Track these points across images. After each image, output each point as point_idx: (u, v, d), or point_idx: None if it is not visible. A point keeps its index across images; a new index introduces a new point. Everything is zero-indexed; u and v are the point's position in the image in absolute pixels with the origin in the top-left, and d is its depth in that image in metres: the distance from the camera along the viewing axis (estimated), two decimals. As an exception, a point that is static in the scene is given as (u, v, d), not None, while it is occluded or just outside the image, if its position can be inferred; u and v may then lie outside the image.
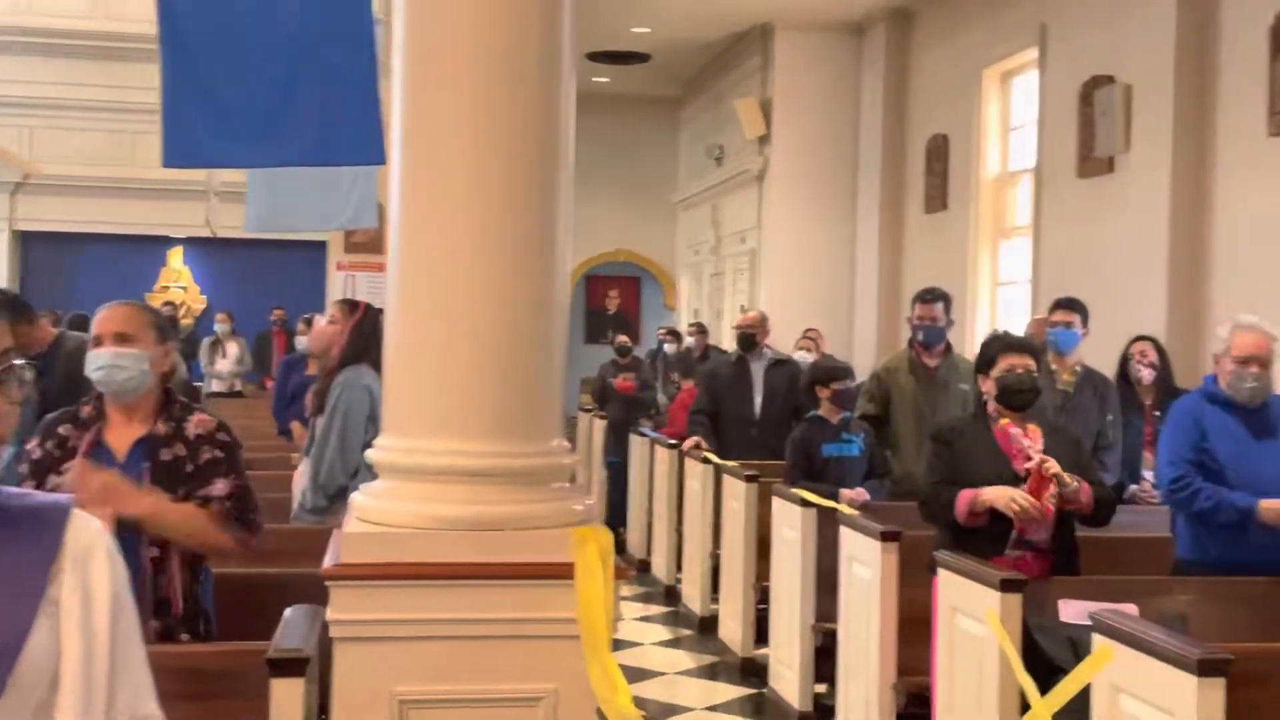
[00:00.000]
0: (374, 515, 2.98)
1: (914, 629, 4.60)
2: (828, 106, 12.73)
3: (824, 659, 5.48)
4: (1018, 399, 4.29)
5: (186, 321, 13.82)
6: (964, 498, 4.18)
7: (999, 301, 10.40)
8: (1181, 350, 7.39)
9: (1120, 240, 8.14)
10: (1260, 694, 3.15)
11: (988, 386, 4.38)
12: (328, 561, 2.92)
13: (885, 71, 12.07)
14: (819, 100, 12.75)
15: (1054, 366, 5.91)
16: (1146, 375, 6.25)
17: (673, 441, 8.37)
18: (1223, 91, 7.42)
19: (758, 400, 7.54)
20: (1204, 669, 2.84)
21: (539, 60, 3.04)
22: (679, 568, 8.23)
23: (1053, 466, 4.13)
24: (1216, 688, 2.84)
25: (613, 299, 18.32)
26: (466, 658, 2.87)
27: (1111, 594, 4.15)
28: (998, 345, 4.42)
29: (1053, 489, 4.15)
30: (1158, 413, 6.12)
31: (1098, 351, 6.61)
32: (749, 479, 6.56)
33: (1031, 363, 4.31)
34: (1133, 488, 5.96)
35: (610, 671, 2.67)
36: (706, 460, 7.36)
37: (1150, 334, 6.67)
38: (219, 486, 3.22)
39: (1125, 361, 6.37)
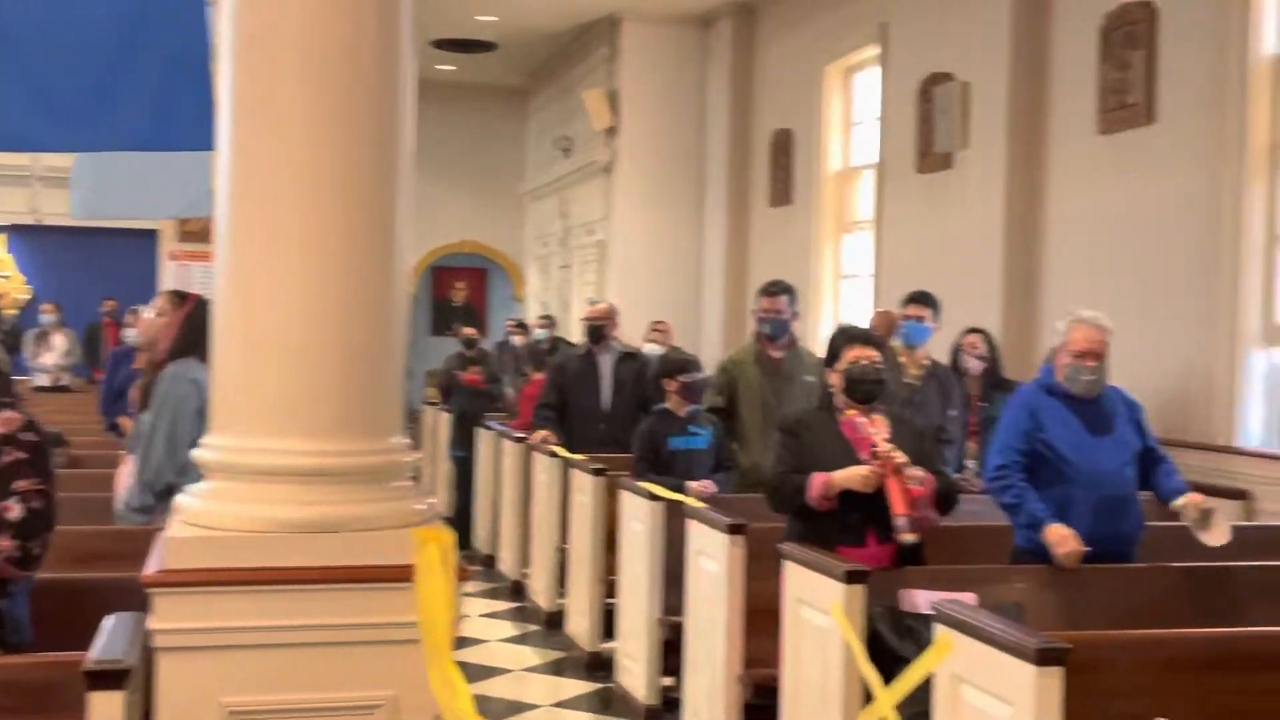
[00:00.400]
0: (200, 518, 2.84)
1: (761, 621, 4.61)
2: (675, 99, 12.76)
3: (671, 652, 5.46)
4: (863, 390, 4.33)
5: (10, 312, 13.21)
6: (817, 481, 4.21)
7: (842, 294, 10.55)
8: (1015, 343, 7.60)
9: (958, 235, 8.32)
10: (1096, 681, 3.22)
11: (834, 379, 4.41)
12: (150, 567, 2.77)
13: (730, 65, 12.14)
14: (666, 93, 12.78)
15: (902, 359, 6.01)
16: (975, 366, 6.40)
17: (520, 435, 8.29)
18: (1055, 91, 7.64)
19: (606, 393, 7.51)
20: (1042, 658, 2.88)
21: (376, 46, 2.93)
22: (526, 562, 8.15)
23: (899, 457, 4.18)
24: (1054, 676, 2.89)
25: (459, 290, 18.09)
26: (300, 666, 2.75)
27: (951, 583, 4.21)
28: (844, 337, 4.46)
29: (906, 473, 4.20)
30: (983, 404, 6.28)
31: (935, 343, 6.75)
32: (596, 472, 6.52)
33: (877, 355, 4.35)
34: (953, 477, 6.09)
35: (451, 676, 2.59)
36: (554, 454, 7.29)
37: (983, 327, 6.83)
38: (12, 507, 3.05)
39: (956, 353, 6.50)
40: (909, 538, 4.13)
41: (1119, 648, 3.35)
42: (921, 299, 6.14)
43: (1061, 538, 4.24)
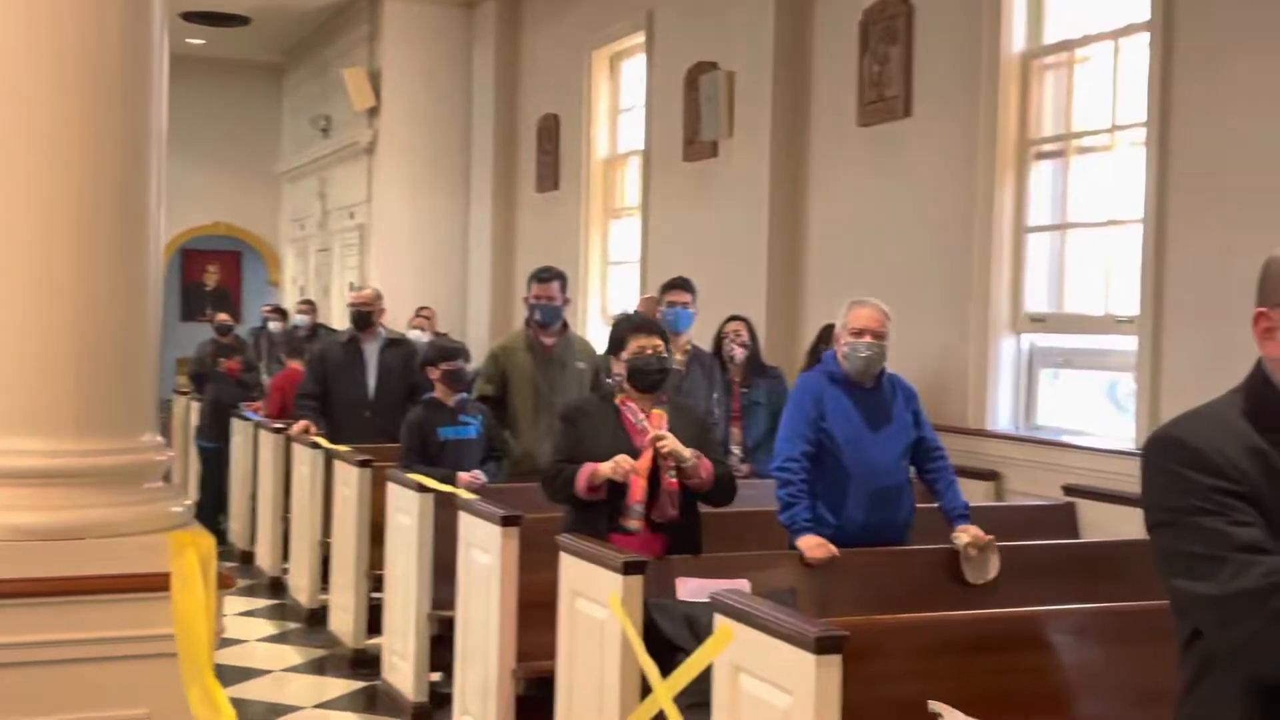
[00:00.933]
0: (-76, 527, 2.57)
1: (535, 614, 4.53)
2: (439, 81, 12.52)
3: (441, 647, 5.34)
4: (647, 380, 4.29)
5: None
6: (584, 472, 4.17)
7: (610, 280, 10.56)
8: (778, 331, 7.74)
9: (724, 223, 8.42)
10: (868, 667, 3.26)
11: (618, 368, 4.36)
12: None
13: (496, 48, 11.99)
14: (430, 74, 12.52)
15: (668, 347, 6.01)
16: (739, 354, 6.47)
17: (279, 425, 7.98)
18: (818, 82, 7.79)
19: (371, 381, 7.29)
20: (821, 646, 2.89)
21: (121, 14, 2.70)
22: (285, 558, 7.85)
23: (667, 444, 4.15)
24: (833, 665, 2.90)
25: (211, 274, 17.38)
26: (42, 686, 2.52)
27: (726, 570, 4.23)
28: (627, 326, 4.41)
29: (671, 464, 4.19)
30: (744, 389, 6.37)
31: (701, 330, 6.81)
32: (362, 464, 6.32)
33: (660, 343, 4.33)
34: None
35: (212, 692, 2.41)
36: (316, 445, 7.03)
37: (746, 314, 6.91)
38: None
39: (720, 340, 6.56)
40: (633, 525, 4.14)
41: (889, 632, 3.41)
42: (682, 284, 6.17)
43: (810, 546, 4.30)
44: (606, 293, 10.53)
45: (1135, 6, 5.77)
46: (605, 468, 4.14)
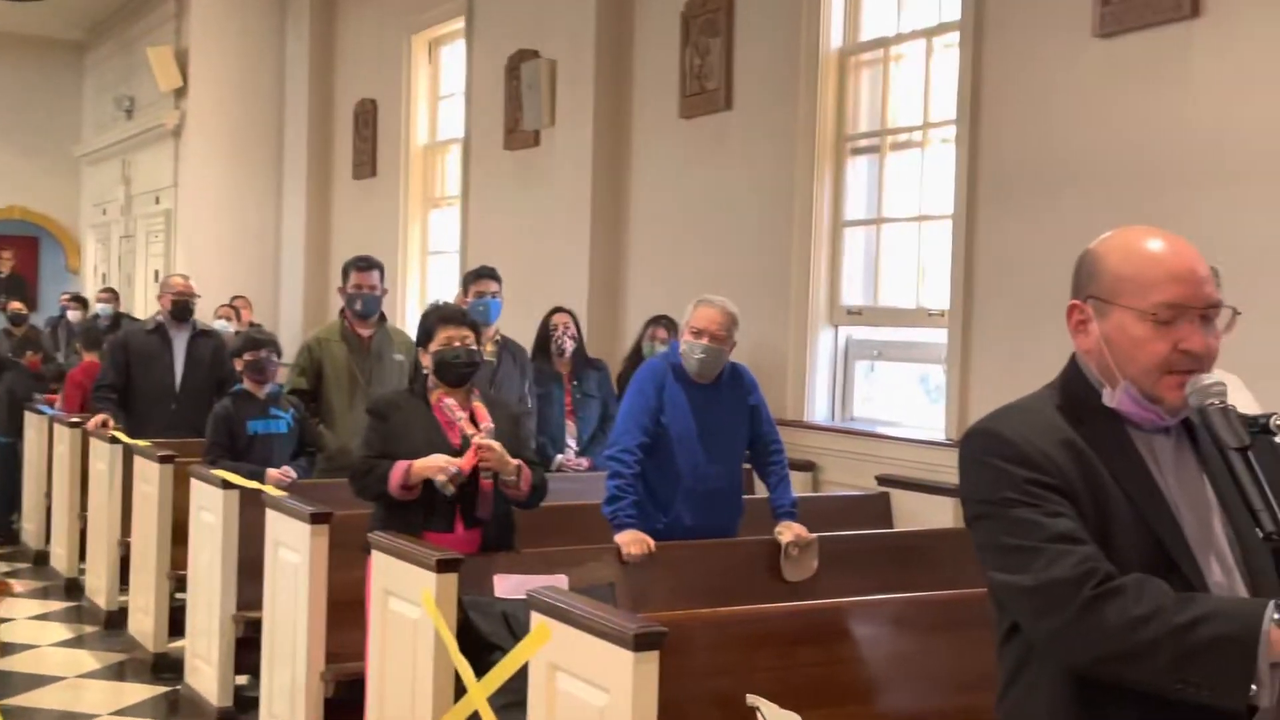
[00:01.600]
0: None
1: (345, 613, 4.38)
2: (250, 62, 12.10)
3: (247, 650, 5.12)
4: (454, 373, 4.16)
5: None
6: (397, 470, 4.01)
7: (430, 271, 10.36)
8: (601, 323, 7.69)
9: (546, 213, 8.32)
10: (687, 662, 3.22)
11: (426, 360, 4.22)
12: None
13: (311, 29, 11.64)
14: (241, 54, 12.09)
15: (477, 338, 5.89)
16: (569, 346, 6.39)
17: (75, 419, 7.58)
18: (640, 73, 7.75)
19: (178, 372, 6.98)
20: (639, 643, 2.83)
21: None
22: (82, 558, 7.46)
23: (493, 461, 4.01)
24: (651, 661, 2.85)
25: (5, 261, 16.44)
26: None
27: (545, 566, 4.15)
28: (436, 317, 4.25)
29: (490, 468, 4.07)
30: (575, 382, 6.29)
31: (526, 322, 6.70)
32: (163, 459, 6.02)
33: (469, 335, 4.18)
34: (559, 457, 6.07)
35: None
36: (115, 439, 6.69)
37: (569, 306, 6.83)
38: None
39: (548, 332, 6.47)
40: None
41: (706, 626, 3.37)
42: (489, 274, 6.05)
43: (627, 542, 4.24)
44: (426, 283, 10.32)
45: (947, 5, 5.88)
46: (425, 468, 3.99)
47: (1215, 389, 1.81)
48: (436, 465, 3.98)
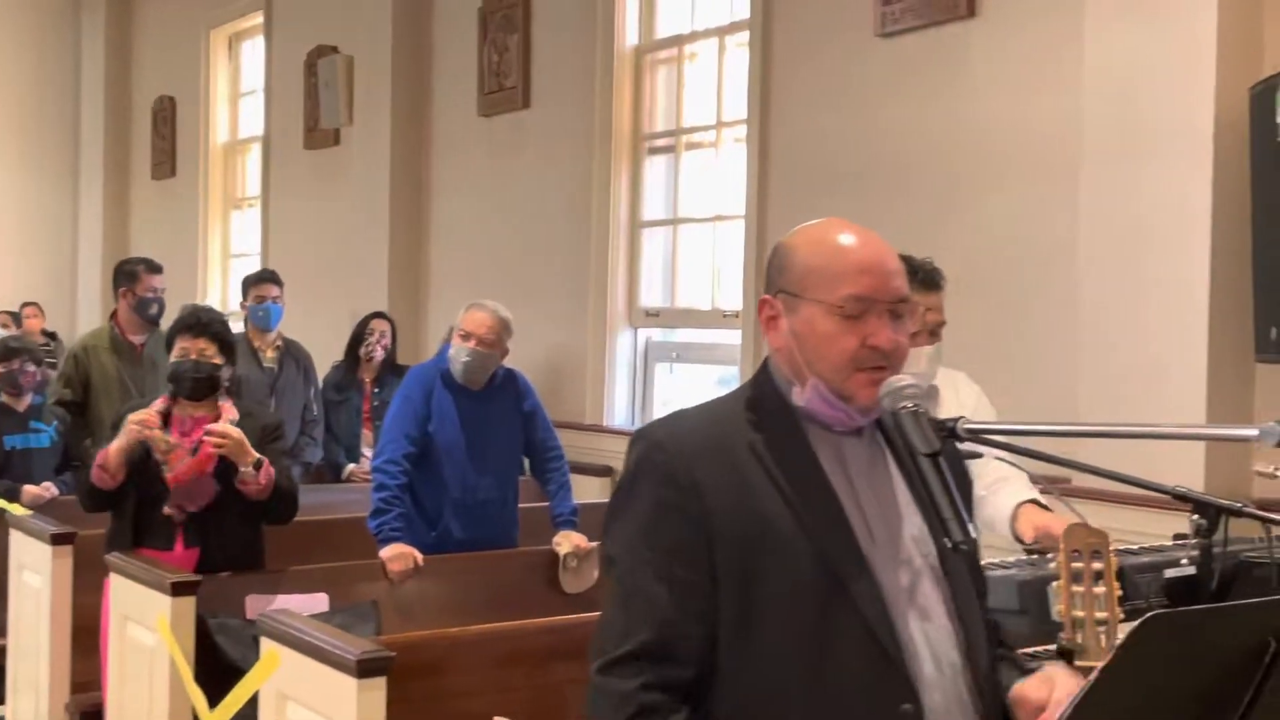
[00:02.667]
0: None
1: (92, 640, 4.08)
2: (42, 54, 11.49)
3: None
4: (186, 388, 3.86)
5: None
6: (100, 455, 3.75)
7: (231, 273, 9.96)
8: (402, 326, 7.44)
9: (347, 214, 8.05)
10: (439, 683, 3.06)
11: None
12: None
13: (106, 25, 11.11)
14: (31, 46, 11.47)
15: (256, 344, 5.62)
16: (379, 355, 6.17)
17: None
18: (438, 70, 7.55)
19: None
20: (363, 670, 2.65)
21: None
22: None
23: (227, 448, 3.74)
24: (377, 689, 2.67)
25: None
26: None
27: (305, 584, 3.93)
28: (178, 326, 3.94)
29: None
30: (376, 389, 6.07)
31: (330, 328, 6.46)
32: (-88, 478, 5.59)
33: (209, 346, 3.87)
34: (351, 467, 5.84)
35: None
36: None
37: (371, 309, 6.62)
38: None
39: (361, 336, 6.23)
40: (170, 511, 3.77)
41: (459, 645, 3.21)
42: (270, 278, 5.79)
43: (391, 557, 4.06)
44: (228, 287, 9.92)
45: (738, 3, 5.82)
46: (122, 437, 3.71)
47: (909, 391, 1.71)
48: (131, 426, 3.71)
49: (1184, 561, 2.32)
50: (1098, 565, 2.07)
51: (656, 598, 1.68)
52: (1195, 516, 2.10)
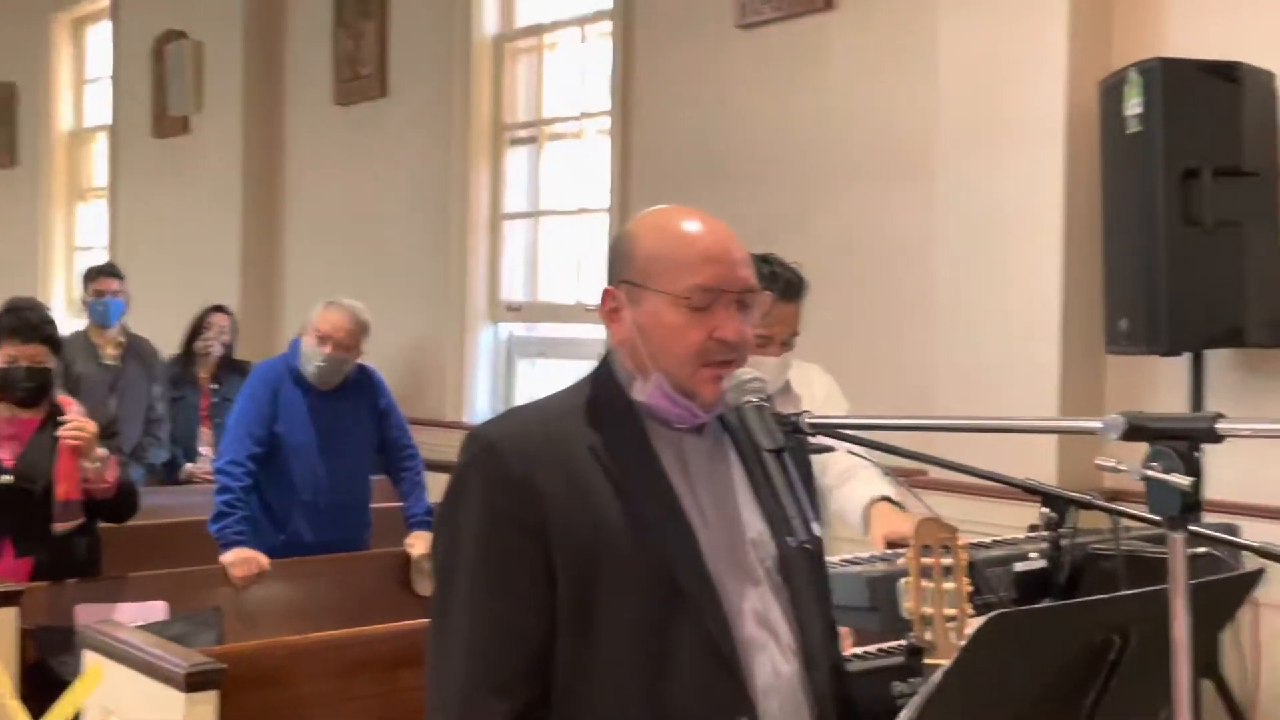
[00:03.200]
0: None
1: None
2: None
3: None
4: (18, 395, 3.65)
5: None
6: None
7: (75, 268, 9.55)
8: (254, 322, 7.21)
9: (197, 205, 7.77)
10: (283, 693, 2.93)
11: None
12: None
13: (-57, 6, 10.58)
14: None
15: (96, 340, 5.38)
16: (217, 351, 5.95)
17: None
18: (292, 56, 7.33)
19: None
20: (192, 683, 2.51)
21: None
22: None
23: (83, 439, 3.55)
24: (207, 703, 2.53)
25: None
26: None
27: (141, 592, 3.75)
28: (3, 329, 3.69)
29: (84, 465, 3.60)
30: (214, 385, 5.85)
31: (182, 323, 6.20)
32: None
33: (38, 350, 3.65)
34: (188, 466, 5.62)
35: None
36: None
37: (224, 303, 6.39)
38: None
39: (198, 330, 6.00)
40: (61, 526, 3.57)
41: (302, 654, 3.08)
42: (110, 271, 5.56)
43: (233, 562, 3.91)
44: (71, 281, 9.52)
45: (599, -8, 5.74)
46: None
47: (752, 385, 1.64)
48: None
49: (1033, 555, 2.29)
50: (947, 561, 2.03)
51: (497, 616, 1.59)
52: (1044, 509, 2.08)
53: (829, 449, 2.42)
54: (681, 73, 5.23)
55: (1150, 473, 1.19)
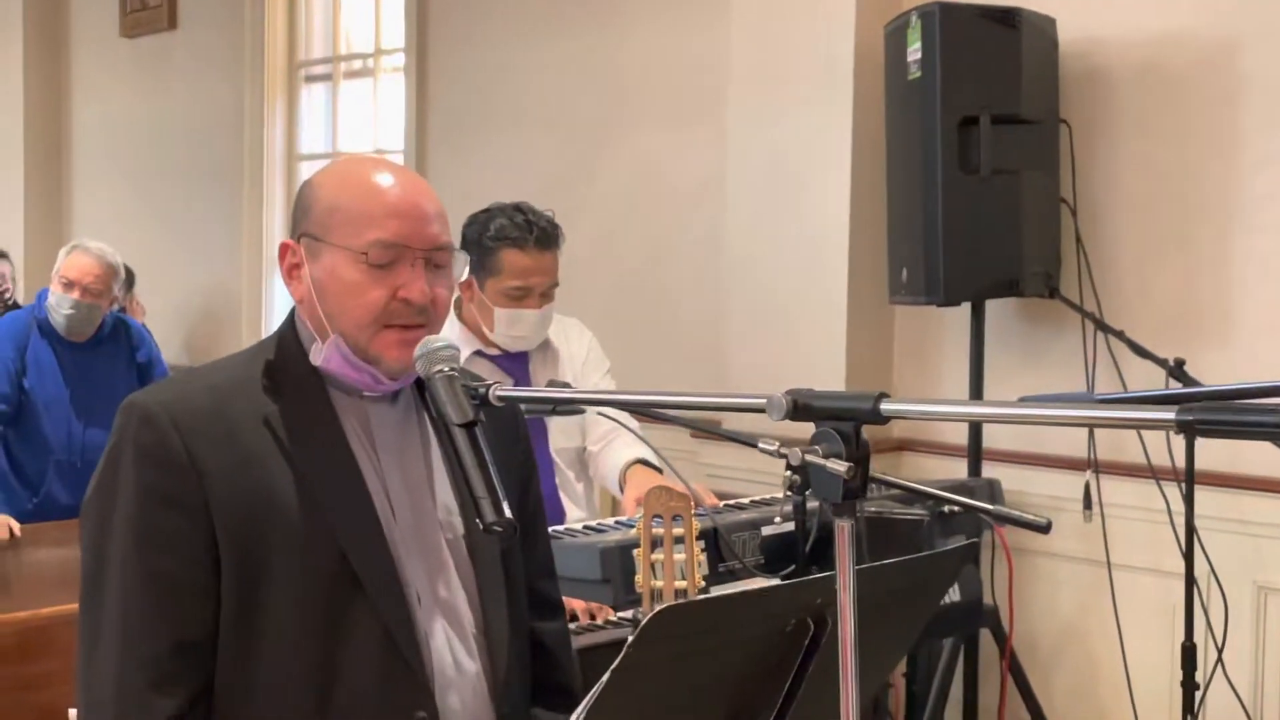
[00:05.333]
0: None
1: None
2: None
3: None
4: None
5: None
6: None
7: None
8: (39, 268, 6.81)
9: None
10: (5, 672, 2.71)
11: None
12: None
13: None
14: None
15: None
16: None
17: None
18: (74, -13, 6.91)
19: None
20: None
21: None
22: None
23: None
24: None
25: None
26: None
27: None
28: None
29: None
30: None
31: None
32: None
33: None
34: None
35: None
36: None
37: (4, 248, 6.03)
38: None
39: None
40: None
41: (51, 628, 2.86)
42: None
43: None
44: None
45: (393, -77, 5.49)
46: None
47: (445, 353, 1.47)
48: None
49: (777, 519, 2.22)
50: (679, 530, 1.94)
51: (152, 605, 1.43)
52: (789, 473, 2.00)
53: (580, 412, 2.31)
54: (478, 12, 5.02)
55: (810, 458, 1.09)
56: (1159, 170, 3.33)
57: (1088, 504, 3.30)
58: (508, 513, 1.42)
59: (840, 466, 1.09)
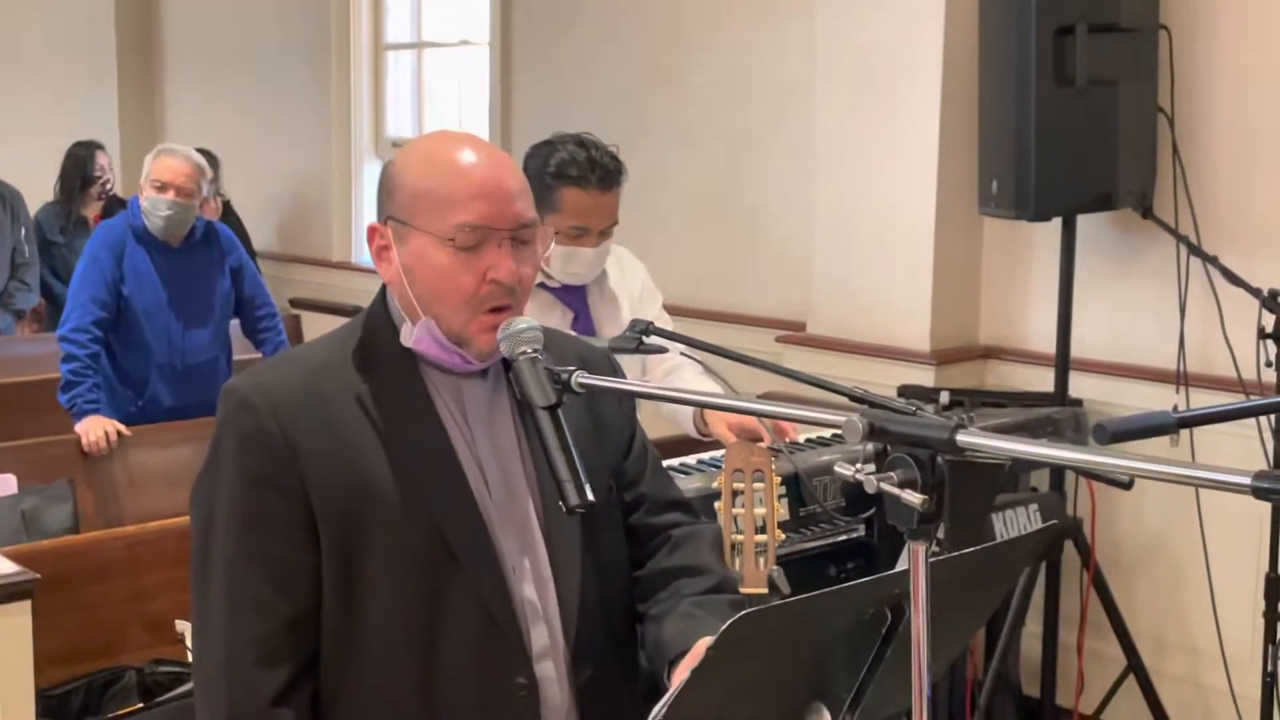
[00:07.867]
0: None
1: None
2: None
3: None
4: None
5: None
6: None
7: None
8: (134, 159, 6.90)
9: (64, 38, 7.35)
10: (115, 585, 2.86)
11: None
12: None
13: None
14: None
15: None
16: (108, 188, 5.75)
17: None
18: None
19: None
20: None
21: None
22: None
23: None
24: (19, 614, 2.44)
25: None
26: None
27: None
28: None
29: None
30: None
31: (47, 160, 5.95)
32: None
33: None
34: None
35: None
36: None
37: (101, 141, 6.13)
38: None
39: (76, 171, 5.76)
40: None
41: (138, 544, 2.99)
42: None
43: (84, 430, 3.79)
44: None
45: None
46: None
47: (528, 335, 1.49)
48: None
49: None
50: (759, 486, 1.97)
51: (256, 585, 1.50)
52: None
53: (663, 350, 2.33)
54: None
55: (885, 486, 1.10)
56: (1262, 81, 3.22)
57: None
58: (590, 495, 1.45)
59: (915, 499, 1.10)
